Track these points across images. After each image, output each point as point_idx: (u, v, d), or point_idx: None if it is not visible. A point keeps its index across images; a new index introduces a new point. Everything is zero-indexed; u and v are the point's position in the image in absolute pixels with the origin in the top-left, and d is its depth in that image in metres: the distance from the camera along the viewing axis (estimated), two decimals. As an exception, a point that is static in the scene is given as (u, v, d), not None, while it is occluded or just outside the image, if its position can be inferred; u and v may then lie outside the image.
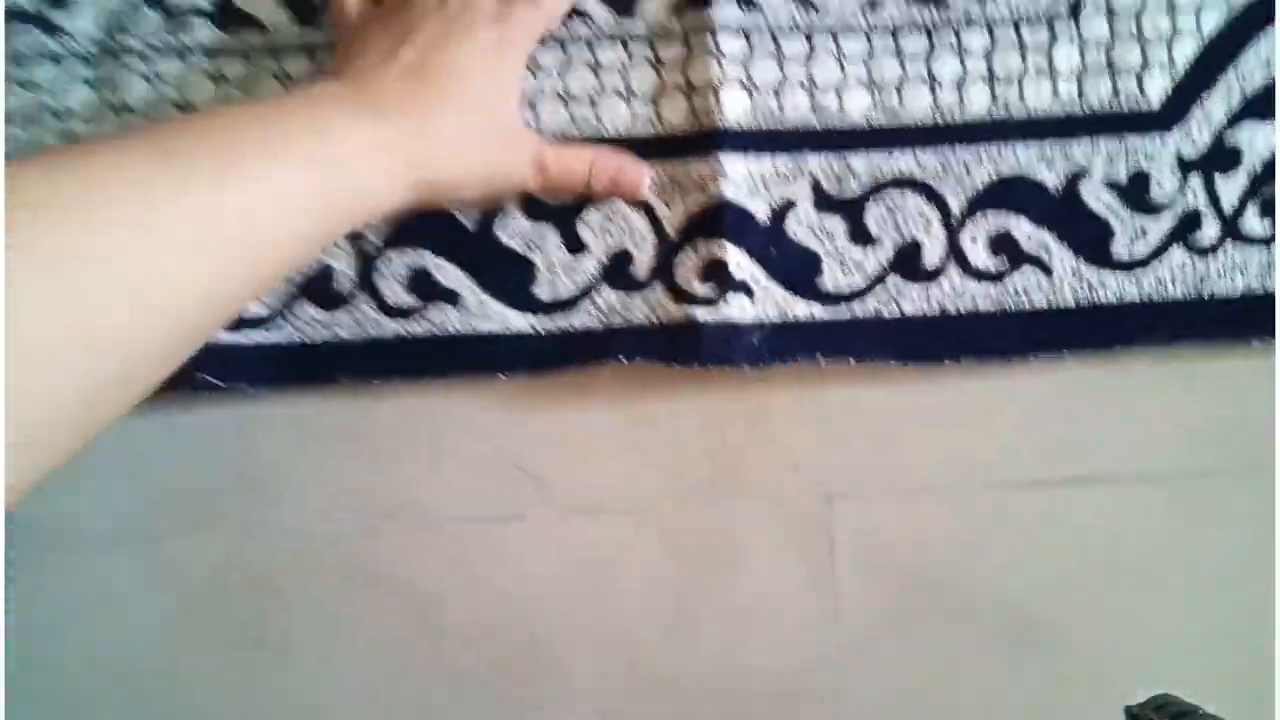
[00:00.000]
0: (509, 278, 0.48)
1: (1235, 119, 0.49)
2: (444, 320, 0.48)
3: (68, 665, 0.48)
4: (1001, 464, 0.50)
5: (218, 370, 0.46)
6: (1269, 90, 0.49)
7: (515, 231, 0.48)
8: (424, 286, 0.48)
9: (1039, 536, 0.50)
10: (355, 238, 0.48)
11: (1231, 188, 0.49)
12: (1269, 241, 0.49)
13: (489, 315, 0.48)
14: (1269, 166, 0.49)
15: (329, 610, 0.49)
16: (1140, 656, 0.50)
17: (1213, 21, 0.49)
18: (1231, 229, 0.49)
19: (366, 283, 0.48)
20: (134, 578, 0.49)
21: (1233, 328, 0.50)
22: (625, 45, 0.48)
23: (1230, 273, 0.49)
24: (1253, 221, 0.49)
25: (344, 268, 0.48)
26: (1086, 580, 0.50)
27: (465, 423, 0.49)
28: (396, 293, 0.48)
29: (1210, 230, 0.49)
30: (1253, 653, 0.48)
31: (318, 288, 0.48)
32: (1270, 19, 0.49)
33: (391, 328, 0.48)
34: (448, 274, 0.48)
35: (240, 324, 0.47)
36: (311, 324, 0.48)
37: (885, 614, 0.50)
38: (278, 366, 0.48)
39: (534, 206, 0.48)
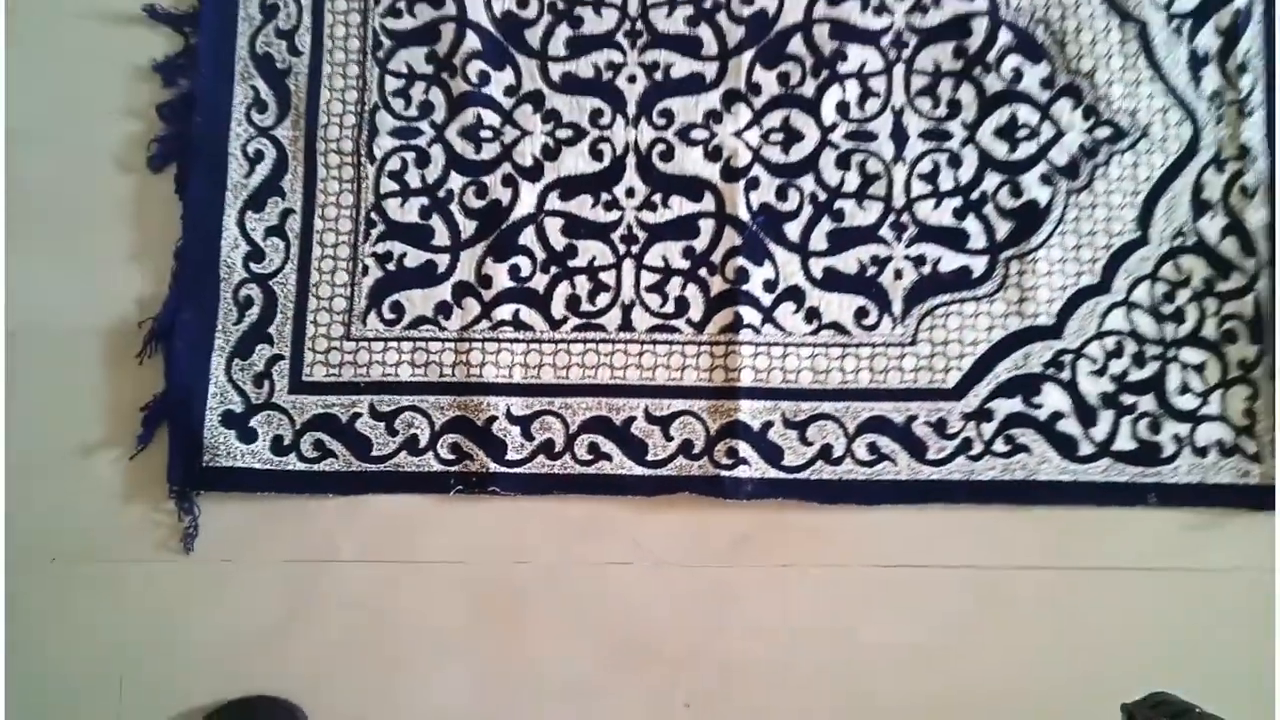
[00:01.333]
0: (636, 449, 1.03)
1: (991, 396, 1.02)
2: (605, 468, 1.02)
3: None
4: (875, 553, 1.01)
5: (503, 485, 1.01)
6: (1011, 382, 1.01)
7: (640, 428, 1.03)
8: (597, 451, 1.03)
9: (891, 595, 1.01)
10: (561, 419, 1.03)
11: (988, 428, 1.01)
12: (1007, 456, 1.01)
13: (626, 467, 1.02)
14: (1010, 418, 1.01)
15: (544, 604, 1.02)
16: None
17: (982, 349, 1.02)
18: (988, 449, 1.01)
19: (569, 447, 1.03)
20: (437, 581, 1.02)
21: (989, 496, 1.01)
22: (697, 346, 1.03)
23: (987, 471, 1.01)
24: (999, 446, 1.01)
25: (559, 439, 1.03)
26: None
27: (611, 517, 1.03)
28: (583, 453, 1.03)
29: (977, 449, 1.01)
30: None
31: (547, 449, 1.03)
32: (1010, 348, 1.02)
33: (580, 470, 1.03)
34: (608, 446, 1.03)
35: (513, 463, 1.02)
36: (546, 465, 1.03)
37: (819, 617, 1.01)
38: (525, 485, 1.02)
39: (650, 416, 1.03)
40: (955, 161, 1.04)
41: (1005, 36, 1.05)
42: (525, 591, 1.02)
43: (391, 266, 1.05)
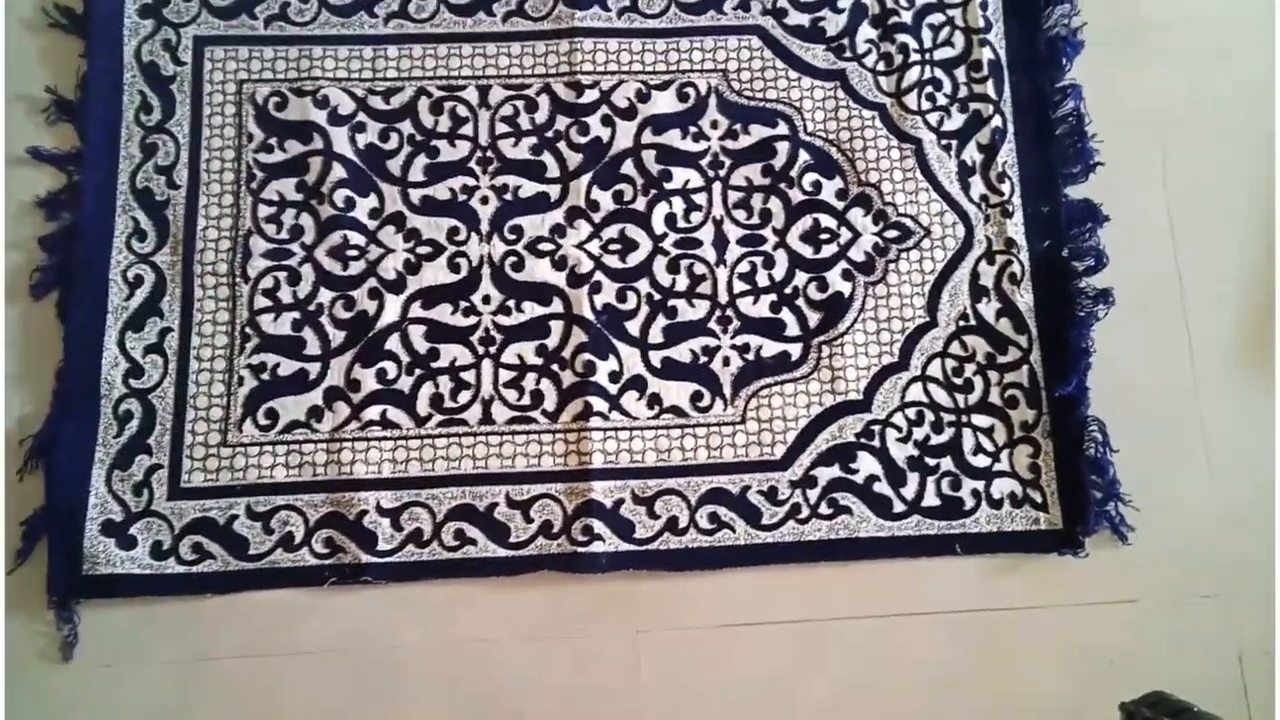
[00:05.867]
0: (499, 532, 1.12)
1: (814, 465, 1.15)
2: (472, 553, 1.11)
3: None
4: (717, 614, 1.11)
5: (374, 574, 1.09)
6: (830, 451, 1.15)
7: (502, 513, 1.12)
8: (463, 536, 1.11)
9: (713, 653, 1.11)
10: (429, 509, 1.11)
11: (813, 493, 1.14)
12: (831, 518, 1.13)
13: (490, 550, 1.11)
14: (831, 483, 1.14)
15: (419, 683, 1.09)
16: None
17: (804, 422, 1.16)
18: (814, 512, 1.14)
19: (437, 535, 1.11)
20: (317, 670, 1.08)
21: (818, 555, 1.13)
22: (552, 434, 1.14)
23: (814, 532, 1.13)
24: (824, 509, 1.14)
25: (427, 528, 1.11)
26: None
27: (477, 597, 1.11)
28: (449, 539, 1.11)
29: (805, 513, 1.14)
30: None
31: (416, 538, 1.11)
32: (827, 421, 1.16)
33: (447, 555, 1.11)
34: (474, 532, 1.12)
35: (383, 553, 1.10)
36: (415, 553, 1.11)
37: (669, 675, 1.10)
38: (396, 573, 1.10)
39: (511, 501, 1.12)
40: (769, 263, 1.20)
41: (804, 156, 1.22)
42: (401, 673, 1.09)
43: (266, 376, 1.14)
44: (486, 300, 1.17)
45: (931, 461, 1.16)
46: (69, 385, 1.11)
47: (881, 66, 1.25)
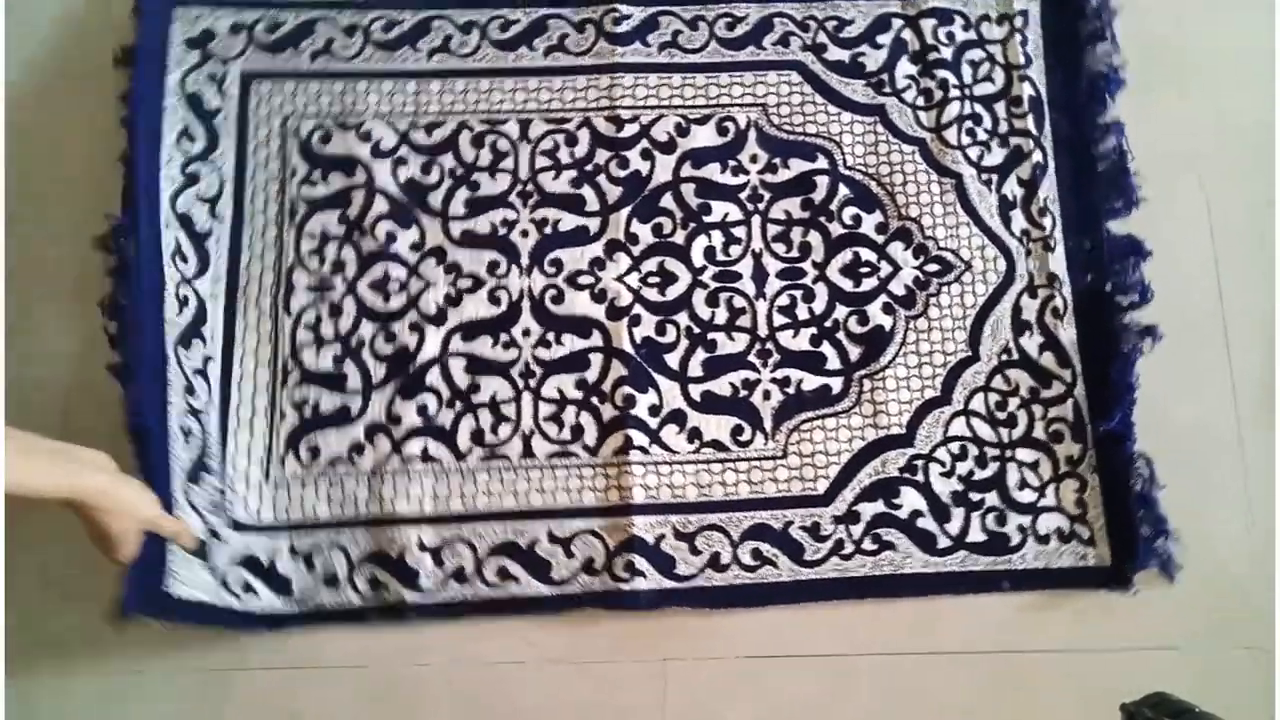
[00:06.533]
0: (541, 569, 1.11)
1: (857, 500, 1.14)
2: (514, 590, 1.10)
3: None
4: (748, 645, 1.10)
5: (418, 613, 1.08)
6: (873, 486, 1.14)
7: (544, 549, 1.11)
8: (505, 574, 1.10)
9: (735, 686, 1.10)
10: (470, 545, 1.11)
11: (857, 529, 1.13)
12: (875, 554, 1.12)
13: (532, 587, 1.10)
14: (875, 518, 1.13)
15: (442, 703, 1.08)
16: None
17: (846, 457, 1.15)
18: (859, 548, 1.13)
19: (479, 572, 1.10)
20: (340, 684, 1.07)
21: (862, 591, 1.11)
22: (593, 469, 1.13)
23: (859, 568, 1.12)
24: (868, 545, 1.13)
25: (469, 565, 1.10)
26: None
27: (519, 631, 1.10)
28: (492, 576, 1.10)
29: (849, 549, 1.13)
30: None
31: (458, 575, 1.10)
32: (870, 456, 1.15)
33: (490, 594, 1.10)
34: (516, 569, 1.11)
35: (423, 591, 1.09)
36: (457, 590, 1.10)
37: (692, 705, 1.09)
38: (439, 612, 1.09)
39: (553, 537, 1.11)
40: (809, 296, 1.19)
41: (844, 190, 1.22)
42: (424, 691, 1.08)
43: (308, 412, 1.14)
44: (526, 333, 1.17)
45: (976, 497, 1.15)
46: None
47: (921, 102, 1.25)
